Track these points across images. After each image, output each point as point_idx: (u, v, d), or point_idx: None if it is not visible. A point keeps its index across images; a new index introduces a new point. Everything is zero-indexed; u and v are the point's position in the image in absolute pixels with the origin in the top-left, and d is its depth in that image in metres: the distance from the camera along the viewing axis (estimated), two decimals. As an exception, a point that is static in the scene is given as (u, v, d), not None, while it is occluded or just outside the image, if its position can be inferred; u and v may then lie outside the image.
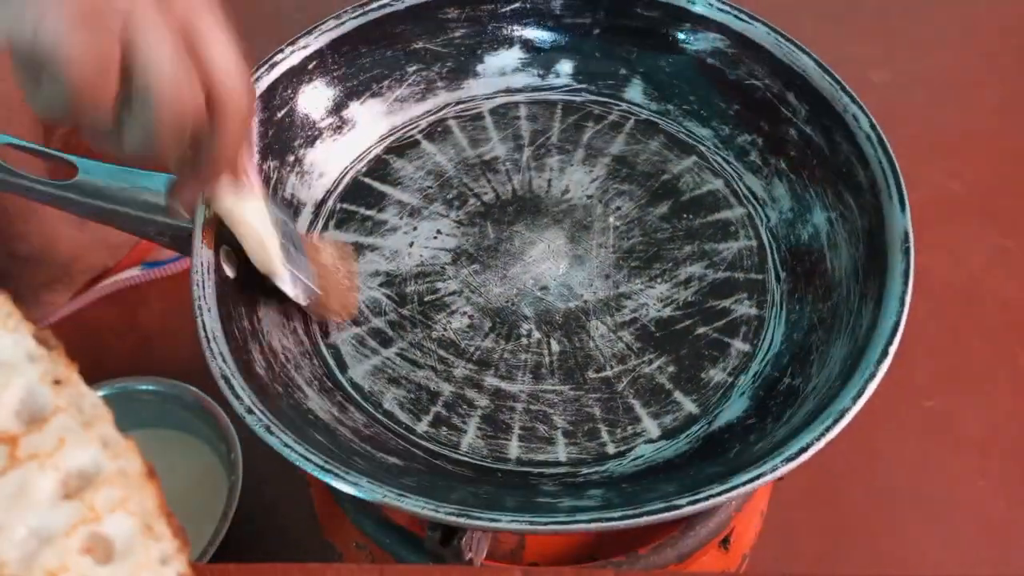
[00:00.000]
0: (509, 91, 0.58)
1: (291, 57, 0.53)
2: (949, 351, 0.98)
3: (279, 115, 0.53)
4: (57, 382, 0.24)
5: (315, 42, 0.54)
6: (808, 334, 0.47)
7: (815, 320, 0.47)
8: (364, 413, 0.46)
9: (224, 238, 0.46)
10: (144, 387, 0.87)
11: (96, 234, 0.96)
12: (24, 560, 0.23)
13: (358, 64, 0.56)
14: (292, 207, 0.53)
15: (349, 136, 0.56)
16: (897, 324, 0.41)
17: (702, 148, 0.55)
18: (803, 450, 0.38)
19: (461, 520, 0.37)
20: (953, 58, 1.19)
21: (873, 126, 0.48)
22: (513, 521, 0.37)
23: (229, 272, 0.46)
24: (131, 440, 0.24)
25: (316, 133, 0.55)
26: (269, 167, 0.52)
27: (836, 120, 0.49)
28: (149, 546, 0.23)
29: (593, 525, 0.37)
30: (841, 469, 0.91)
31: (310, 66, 0.54)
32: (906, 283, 0.43)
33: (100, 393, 0.88)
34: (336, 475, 0.38)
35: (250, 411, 0.40)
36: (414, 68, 0.57)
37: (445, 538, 0.43)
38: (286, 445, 0.39)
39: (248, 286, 0.47)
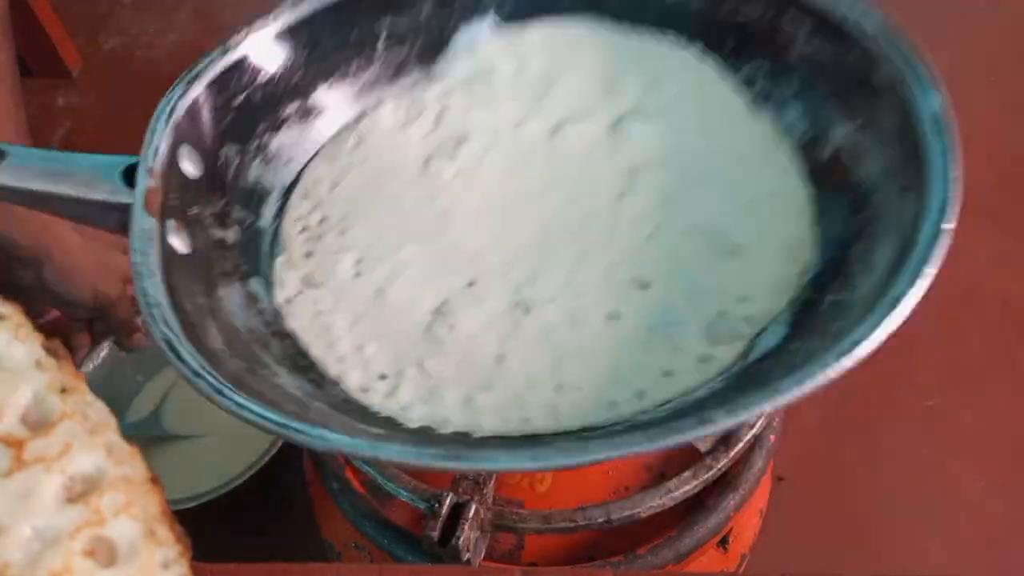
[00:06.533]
0: None
1: (248, 40, 0.49)
2: (949, 351, 0.99)
3: (237, 101, 0.49)
4: (64, 390, 0.25)
5: (275, 24, 0.50)
6: (847, 248, 0.43)
7: (851, 233, 0.43)
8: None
9: (171, 211, 0.42)
10: None
11: (100, 260, 0.96)
12: (28, 561, 0.23)
13: (323, 46, 0.52)
14: (256, 194, 0.49)
15: (318, 121, 0.52)
16: (946, 201, 0.37)
17: None
18: (856, 343, 0.33)
19: (450, 464, 0.32)
20: (953, 58, 1.19)
21: (884, 20, 0.44)
22: (512, 460, 0.33)
23: (181, 248, 0.43)
24: (135, 446, 0.25)
25: (281, 119, 0.51)
26: (228, 153, 0.49)
27: (841, 26, 0.45)
28: (152, 550, 0.23)
29: (613, 453, 0.31)
30: (841, 469, 0.91)
31: (270, 49, 0.50)
32: (947, 159, 0.39)
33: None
34: (295, 429, 0.34)
35: (198, 375, 0.35)
36: (383, 47, 0.53)
37: (443, 538, 0.43)
38: (240, 405, 0.34)
39: (204, 266, 0.44)
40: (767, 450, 0.53)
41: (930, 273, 0.36)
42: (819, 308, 0.41)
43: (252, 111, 0.50)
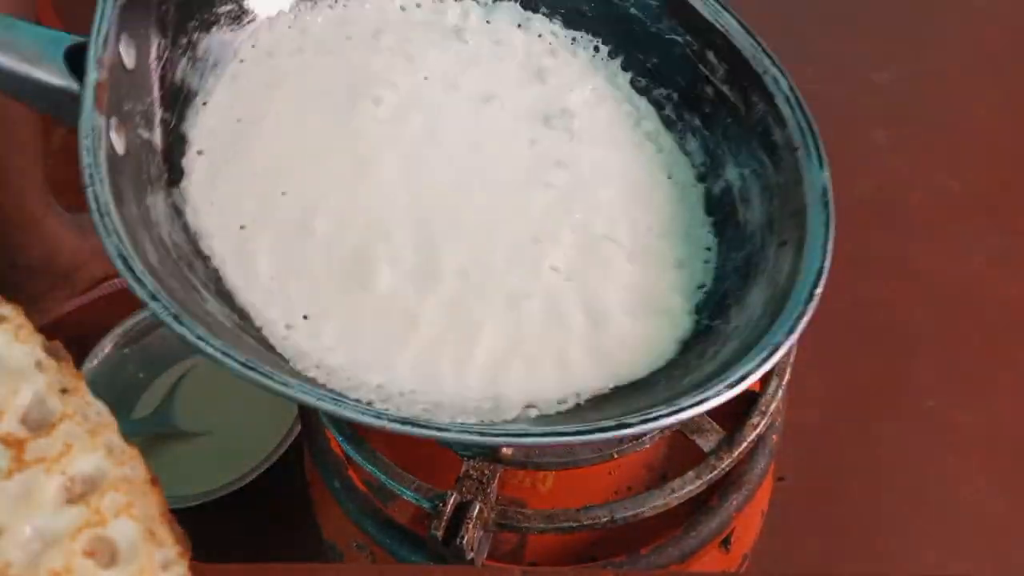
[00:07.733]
0: None
1: None
2: (949, 351, 0.99)
3: None
4: (64, 391, 0.25)
5: None
6: (722, 281, 0.47)
7: (729, 268, 0.47)
8: None
9: (113, 107, 0.40)
10: None
11: (98, 243, 0.97)
12: (28, 561, 0.23)
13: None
14: (181, 94, 0.47)
15: (249, 27, 0.51)
16: (821, 269, 0.42)
17: None
18: (743, 378, 0.38)
19: (404, 428, 0.35)
20: (953, 58, 1.19)
21: (792, 88, 0.48)
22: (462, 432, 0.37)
23: (119, 147, 0.40)
24: (135, 447, 0.25)
25: (214, 18, 0.49)
26: (160, 44, 0.46)
27: (754, 81, 0.49)
28: (151, 551, 0.23)
29: (551, 439, 0.37)
30: (841, 469, 0.91)
31: None
32: (827, 232, 0.43)
33: None
34: (260, 373, 0.34)
35: (154, 297, 0.34)
36: None
37: (447, 537, 0.43)
38: (200, 338, 0.34)
39: (136, 167, 0.42)
40: (770, 450, 0.53)
41: (802, 326, 0.40)
42: (696, 329, 0.45)
43: (187, 3, 0.47)
